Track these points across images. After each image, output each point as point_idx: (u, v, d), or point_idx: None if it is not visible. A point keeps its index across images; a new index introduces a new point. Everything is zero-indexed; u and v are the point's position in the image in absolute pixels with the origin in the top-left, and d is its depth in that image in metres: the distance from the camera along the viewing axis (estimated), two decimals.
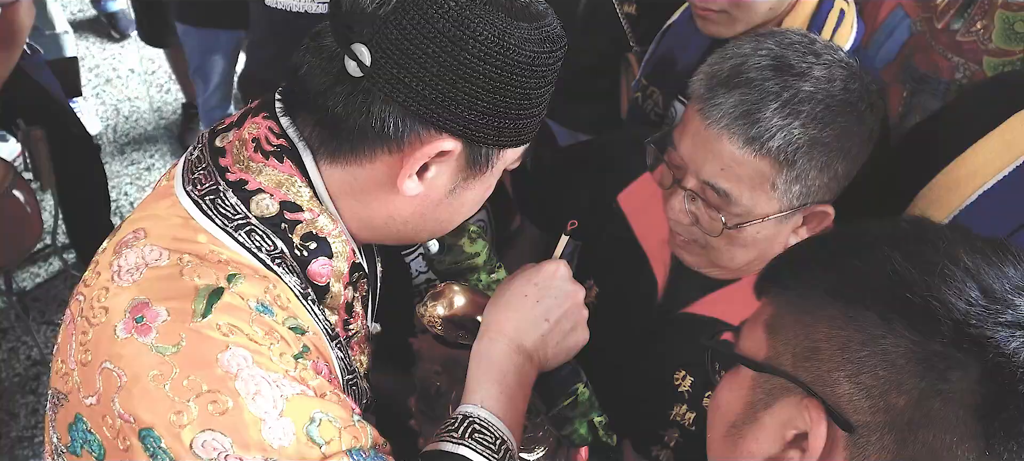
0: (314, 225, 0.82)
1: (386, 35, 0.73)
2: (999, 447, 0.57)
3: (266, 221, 0.80)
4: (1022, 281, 0.59)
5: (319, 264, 0.83)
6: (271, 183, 0.80)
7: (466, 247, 1.17)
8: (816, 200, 0.98)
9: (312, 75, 0.78)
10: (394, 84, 0.74)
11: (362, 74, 0.74)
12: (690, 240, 1.05)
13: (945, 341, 0.57)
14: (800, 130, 0.92)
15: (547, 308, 0.96)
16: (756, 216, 0.98)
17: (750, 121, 0.92)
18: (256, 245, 0.79)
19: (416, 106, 0.75)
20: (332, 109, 0.77)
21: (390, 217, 0.85)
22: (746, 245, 1.02)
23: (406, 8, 0.73)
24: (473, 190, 0.86)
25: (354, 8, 0.75)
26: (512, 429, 0.90)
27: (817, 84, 0.93)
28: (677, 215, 1.03)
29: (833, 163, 0.95)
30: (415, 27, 0.73)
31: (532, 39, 0.77)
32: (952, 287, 0.57)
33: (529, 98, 0.79)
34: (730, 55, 0.98)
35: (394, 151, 0.78)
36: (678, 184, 1.01)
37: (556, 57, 0.80)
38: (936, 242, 0.61)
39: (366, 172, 0.81)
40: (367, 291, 0.95)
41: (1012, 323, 0.56)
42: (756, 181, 0.95)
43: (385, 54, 0.74)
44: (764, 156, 0.93)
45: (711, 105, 0.94)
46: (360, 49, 0.74)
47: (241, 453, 0.70)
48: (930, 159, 1.19)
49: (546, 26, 0.79)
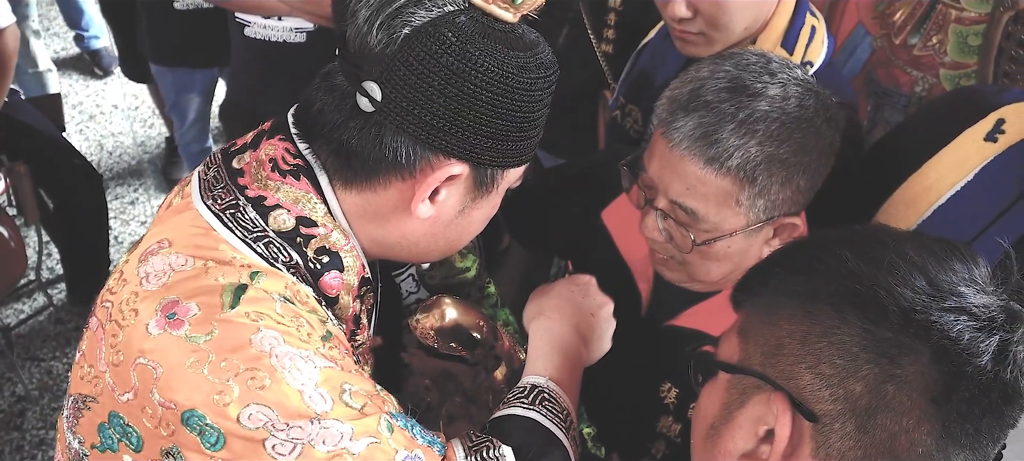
0: (328, 239, 0.86)
1: (394, 72, 0.78)
2: (955, 429, 0.61)
3: (283, 235, 0.84)
4: (969, 274, 0.62)
5: (331, 276, 0.86)
6: (288, 199, 0.85)
7: (457, 262, 1.19)
8: (783, 213, 1.01)
9: (326, 111, 0.83)
10: (404, 116, 0.79)
11: (374, 109, 0.80)
12: (668, 257, 1.08)
13: (894, 328, 0.60)
14: (757, 148, 0.95)
15: (591, 307, 1.07)
16: (725, 231, 1.01)
17: (708, 142, 0.95)
18: (273, 255, 0.83)
19: (426, 135, 0.80)
20: (347, 141, 0.82)
21: (403, 237, 0.90)
22: (719, 259, 1.05)
23: (412, 46, 0.78)
24: (481, 209, 0.91)
25: (362, 49, 0.80)
26: (573, 404, 0.97)
27: (772, 103, 0.96)
28: (652, 233, 1.06)
29: (793, 177, 0.98)
30: (421, 63, 0.78)
31: (528, 66, 0.82)
32: (898, 278, 0.61)
33: (528, 120, 0.85)
34: (689, 79, 1.01)
35: (407, 178, 0.83)
36: (650, 204, 1.05)
37: (550, 81, 0.86)
38: (886, 242, 0.65)
39: (380, 198, 0.86)
40: (373, 304, 0.98)
41: (955, 309, 0.60)
42: (721, 199, 0.98)
43: (394, 89, 0.79)
44: (725, 175, 0.96)
45: (672, 128, 0.98)
46: (371, 86, 0.79)
47: (287, 420, 0.74)
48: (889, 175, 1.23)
49: (540, 53, 0.85)
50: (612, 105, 1.59)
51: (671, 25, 1.32)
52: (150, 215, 3.26)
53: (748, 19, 1.28)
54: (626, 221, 1.21)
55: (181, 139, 2.92)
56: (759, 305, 0.71)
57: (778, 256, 0.75)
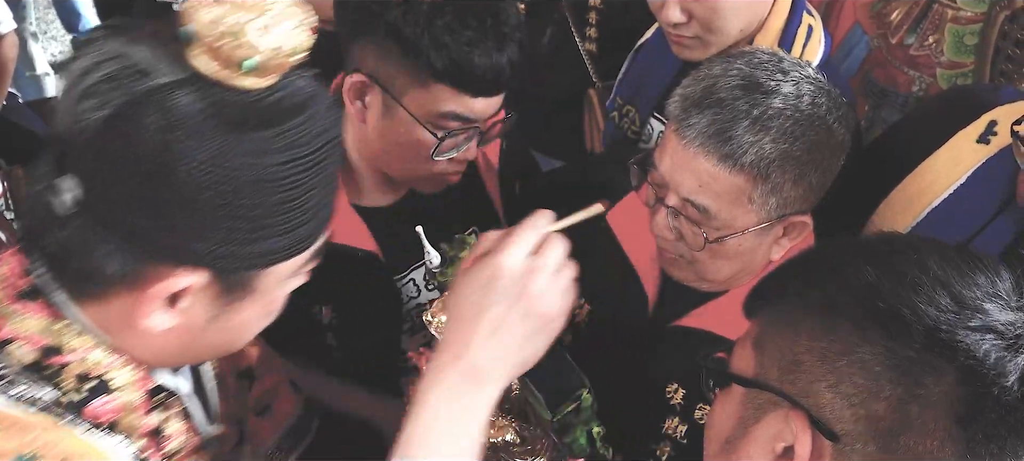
0: (84, 364, 0.72)
1: (90, 166, 0.65)
2: (980, 449, 0.59)
3: (27, 369, 0.70)
4: (993, 288, 0.61)
5: (98, 404, 0.72)
6: (26, 328, 0.71)
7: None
8: (793, 211, 1.02)
9: (32, 208, 0.69)
10: (108, 220, 0.66)
11: (76, 209, 0.66)
12: (677, 256, 1.08)
13: (918, 347, 0.59)
14: (771, 145, 0.96)
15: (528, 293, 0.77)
16: (736, 229, 1.01)
17: (723, 139, 0.96)
18: (18, 396, 0.69)
19: (138, 241, 0.67)
20: (54, 249, 0.69)
21: (161, 348, 0.75)
22: (730, 257, 1.05)
23: (108, 135, 0.64)
24: (246, 312, 0.76)
25: (64, 132, 0.66)
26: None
27: (786, 101, 0.97)
28: (662, 231, 1.06)
29: (806, 175, 0.99)
30: (119, 155, 0.64)
31: (269, 149, 0.66)
32: (922, 295, 0.60)
33: (280, 212, 0.69)
34: (702, 77, 1.02)
35: (132, 289, 0.70)
36: (661, 202, 1.05)
37: (311, 159, 0.69)
38: (907, 253, 0.63)
39: (113, 310, 0.72)
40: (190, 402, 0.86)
41: (982, 327, 0.59)
42: (733, 196, 0.99)
43: (93, 187, 0.65)
44: (739, 172, 0.96)
45: (685, 125, 0.98)
46: (69, 182, 0.65)
47: None
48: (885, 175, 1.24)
49: (291, 129, 0.68)
50: (609, 106, 1.60)
51: (666, 29, 1.33)
52: None
53: (743, 21, 1.29)
54: (631, 222, 1.21)
55: None
56: (775, 316, 0.69)
57: (794, 265, 0.74)
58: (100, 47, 0.66)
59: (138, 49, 0.66)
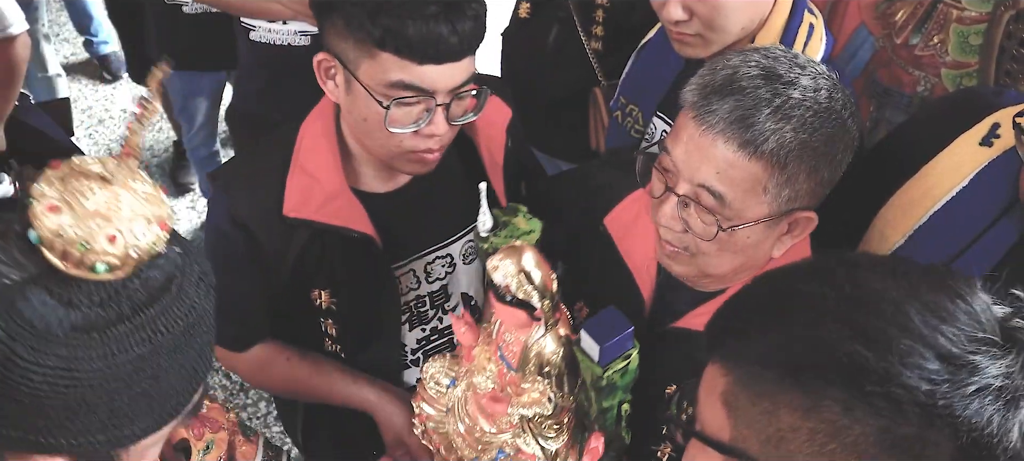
0: None
1: None
2: None
3: None
4: (974, 324, 0.58)
5: None
6: None
7: (521, 225, 1.19)
8: (802, 205, 1.03)
9: None
10: None
11: None
12: (680, 249, 1.08)
13: (915, 425, 0.56)
14: (792, 134, 0.96)
15: None
16: (748, 220, 1.02)
17: (745, 126, 0.96)
18: None
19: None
20: None
21: None
22: (736, 251, 1.06)
23: None
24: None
25: None
26: None
27: (805, 92, 0.98)
28: (669, 221, 1.06)
29: (820, 168, 1.00)
30: None
31: (125, 346, 0.65)
32: (911, 366, 0.56)
33: (140, 401, 0.67)
34: (720, 66, 1.03)
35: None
36: (670, 190, 1.05)
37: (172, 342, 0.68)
38: (881, 306, 0.59)
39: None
40: None
41: (979, 390, 0.56)
42: (749, 185, 0.99)
43: None
44: (758, 159, 0.97)
45: (706, 111, 0.99)
46: None
47: None
48: (888, 177, 1.24)
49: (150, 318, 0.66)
50: (613, 105, 1.60)
51: (668, 27, 1.33)
52: None
53: (744, 19, 1.29)
54: (628, 226, 1.22)
55: (189, 143, 2.93)
56: (742, 374, 0.65)
57: (754, 300, 0.69)
58: None
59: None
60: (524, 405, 1.01)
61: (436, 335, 1.49)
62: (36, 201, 0.62)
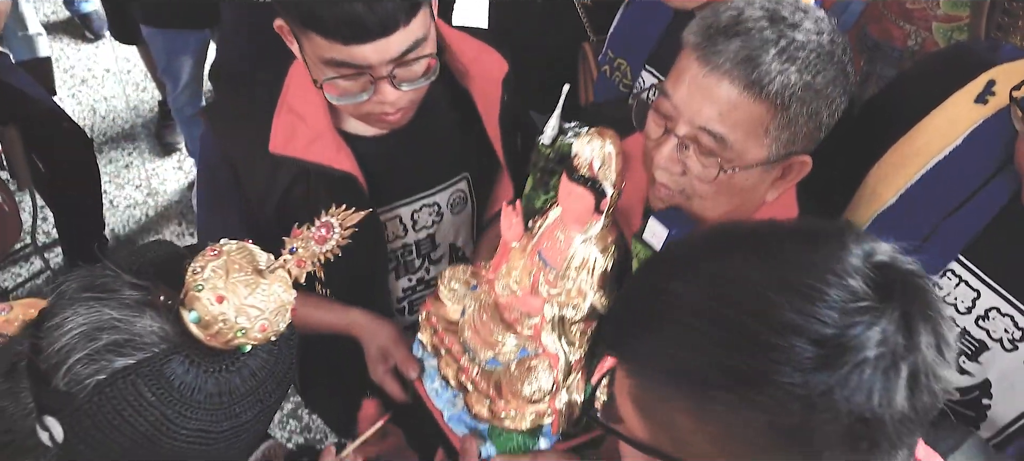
0: None
1: (79, 421, 0.70)
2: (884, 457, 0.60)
3: None
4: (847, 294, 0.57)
5: None
6: None
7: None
8: (799, 149, 1.03)
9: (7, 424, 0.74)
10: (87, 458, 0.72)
11: (52, 446, 0.71)
12: (676, 192, 1.08)
13: (796, 416, 0.57)
14: (796, 75, 0.97)
15: None
16: (747, 162, 1.02)
17: (752, 65, 0.96)
18: None
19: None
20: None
21: None
22: (732, 194, 1.06)
23: (102, 403, 0.69)
24: None
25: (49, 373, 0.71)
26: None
27: (808, 34, 0.98)
28: (667, 163, 1.06)
29: (820, 111, 1.00)
30: (110, 423, 0.69)
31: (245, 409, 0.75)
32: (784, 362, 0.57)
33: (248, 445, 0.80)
34: (724, 8, 1.02)
35: None
36: (670, 133, 1.05)
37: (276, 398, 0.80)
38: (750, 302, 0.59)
39: None
40: None
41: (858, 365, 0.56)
42: (751, 126, 0.99)
43: (78, 436, 0.70)
44: (762, 100, 0.97)
45: (711, 52, 0.98)
46: (53, 423, 0.71)
47: None
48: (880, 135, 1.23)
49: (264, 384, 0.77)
50: (601, 60, 1.59)
51: None
52: (144, 179, 3.26)
53: None
54: None
55: (174, 103, 2.90)
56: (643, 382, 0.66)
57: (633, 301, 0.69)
58: (98, 312, 0.71)
59: (139, 319, 0.71)
60: (561, 303, 1.04)
61: (422, 285, 1.49)
62: (205, 288, 0.71)
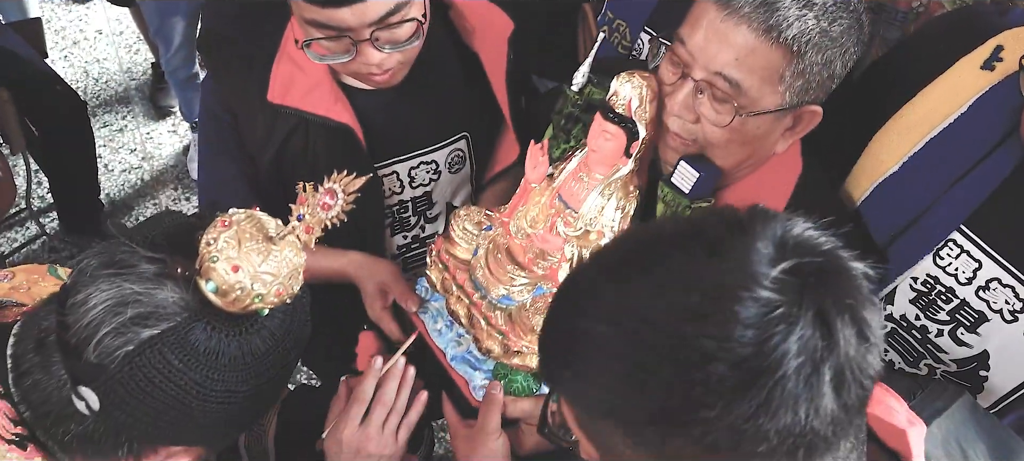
0: None
1: (113, 389, 0.73)
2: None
3: None
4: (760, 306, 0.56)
5: None
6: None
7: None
8: (812, 98, 1.03)
9: (47, 399, 0.76)
10: (122, 424, 0.75)
11: (89, 414, 0.74)
12: (688, 141, 1.08)
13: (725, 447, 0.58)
14: (814, 21, 0.97)
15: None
16: (761, 109, 1.02)
17: (770, 10, 0.96)
18: None
19: (148, 440, 0.78)
20: (64, 435, 0.77)
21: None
22: (745, 142, 1.06)
23: (132, 372, 0.72)
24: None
25: (79, 347, 0.73)
26: None
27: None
28: (681, 110, 1.05)
29: (834, 61, 1.00)
30: (142, 390, 0.73)
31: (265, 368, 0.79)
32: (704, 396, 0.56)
33: (269, 403, 0.85)
34: None
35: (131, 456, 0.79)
36: (686, 77, 1.04)
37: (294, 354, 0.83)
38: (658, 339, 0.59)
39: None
40: None
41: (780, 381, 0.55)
42: (767, 72, 0.99)
43: (113, 404, 0.73)
44: (779, 46, 0.97)
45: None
46: (88, 394, 0.73)
47: None
48: (884, 101, 1.21)
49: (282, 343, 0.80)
50: (600, 21, 1.57)
51: None
52: (139, 143, 3.23)
53: None
54: None
55: (167, 65, 2.87)
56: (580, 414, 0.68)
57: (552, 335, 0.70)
58: (120, 288, 0.73)
59: (159, 291, 0.74)
60: (582, 244, 1.06)
61: (417, 243, 1.48)
62: (219, 259, 0.74)
